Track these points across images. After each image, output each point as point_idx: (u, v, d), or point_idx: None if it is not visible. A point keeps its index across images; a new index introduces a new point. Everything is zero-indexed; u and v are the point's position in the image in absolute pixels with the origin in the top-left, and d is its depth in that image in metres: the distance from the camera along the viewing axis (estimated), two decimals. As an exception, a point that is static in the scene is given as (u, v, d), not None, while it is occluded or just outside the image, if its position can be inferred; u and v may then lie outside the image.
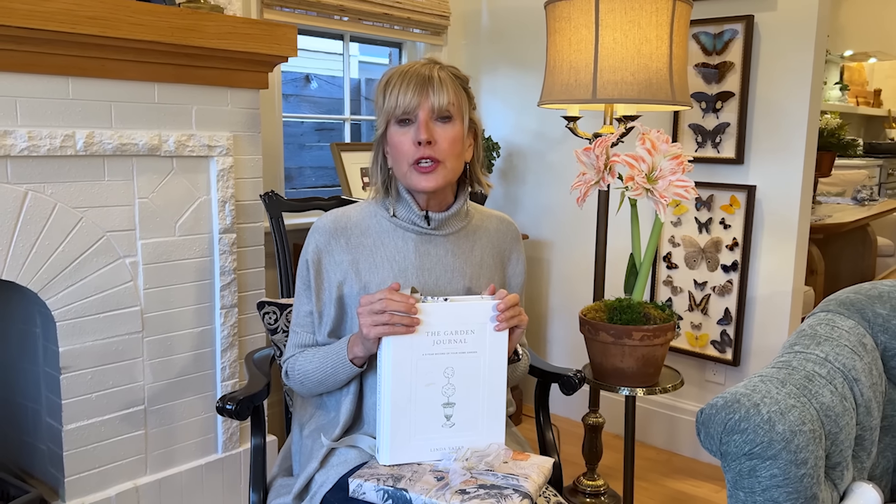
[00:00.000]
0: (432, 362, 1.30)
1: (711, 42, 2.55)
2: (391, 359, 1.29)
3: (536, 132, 3.11)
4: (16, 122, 1.70)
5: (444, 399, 1.32)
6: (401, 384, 1.29)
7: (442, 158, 1.35)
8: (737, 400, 1.24)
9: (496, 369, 1.33)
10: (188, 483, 2.10)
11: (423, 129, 1.33)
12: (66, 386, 1.83)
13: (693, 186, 1.67)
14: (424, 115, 1.34)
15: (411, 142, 1.34)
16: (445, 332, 1.30)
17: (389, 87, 1.35)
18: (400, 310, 1.25)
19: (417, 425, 1.31)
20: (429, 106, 1.33)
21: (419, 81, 1.34)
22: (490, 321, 1.31)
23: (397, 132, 1.36)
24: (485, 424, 1.34)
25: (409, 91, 1.33)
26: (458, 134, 1.37)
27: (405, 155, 1.35)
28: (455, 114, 1.36)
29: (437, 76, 1.35)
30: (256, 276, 2.22)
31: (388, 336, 1.27)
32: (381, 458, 1.32)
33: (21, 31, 1.62)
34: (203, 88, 2.01)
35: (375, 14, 2.86)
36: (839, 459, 1.31)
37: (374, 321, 1.26)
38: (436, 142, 1.34)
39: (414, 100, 1.33)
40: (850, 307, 1.52)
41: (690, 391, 2.78)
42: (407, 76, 1.34)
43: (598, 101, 1.92)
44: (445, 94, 1.34)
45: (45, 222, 1.75)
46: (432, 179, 1.35)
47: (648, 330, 1.75)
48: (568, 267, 3.09)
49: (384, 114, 1.36)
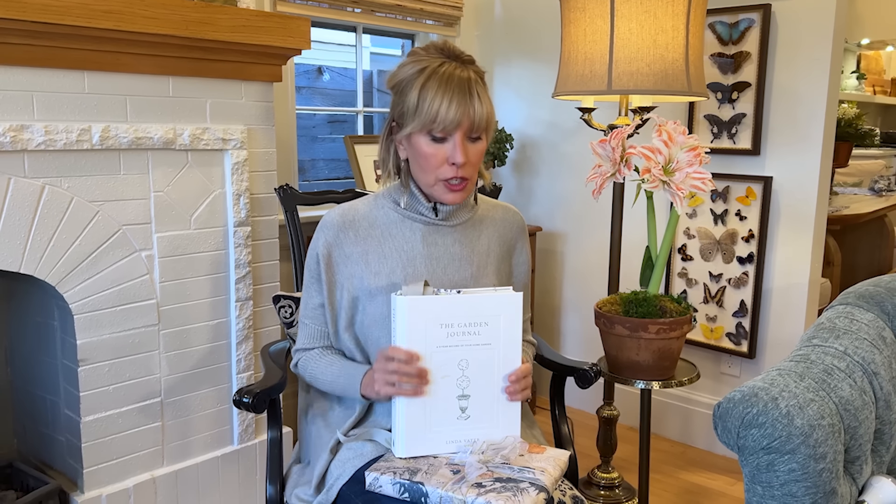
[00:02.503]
0: (446, 355, 1.30)
1: (728, 32, 2.53)
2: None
3: (550, 123, 3.09)
4: (32, 117, 1.71)
5: (459, 391, 1.32)
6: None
7: (470, 176, 1.37)
8: (755, 394, 1.23)
9: (510, 361, 1.33)
10: (204, 475, 2.12)
11: (461, 153, 1.31)
12: (83, 378, 1.85)
13: (710, 178, 1.65)
14: (461, 135, 1.32)
15: (444, 159, 1.33)
16: (459, 325, 1.30)
17: (426, 91, 1.30)
18: (410, 376, 1.28)
19: (433, 418, 1.31)
20: (468, 125, 1.31)
21: (460, 95, 1.29)
22: (505, 310, 1.32)
23: (427, 144, 1.33)
24: (500, 416, 1.34)
25: (451, 107, 1.29)
26: (484, 148, 1.38)
27: (434, 169, 1.34)
28: (485, 129, 1.35)
29: (476, 91, 1.31)
30: (271, 268, 2.23)
31: (402, 347, 1.30)
32: (396, 451, 1.32)
33: (37, 26, 1.63)
34: (217, 82, 2.02)
35: (388, 5, 2.85)
36: (858, 453, 1.29)
37: (386, 380, 1.30)
38: (469, 162, 1.34)
39: (455, 118, 1.29)
40: (869, 300, 1.50)
41: (705, 384, 2.77)
42: (448, 85, 1.29)
43: (613, 92, 1.90)
44: (483, 111, 1.31)
45: (62, 216, 1.77)
46: (460, 196, 1.38)
47: (664, 323, 1.74)
48: (582, 259, 3.08)
49: (419, 121, 1.31)
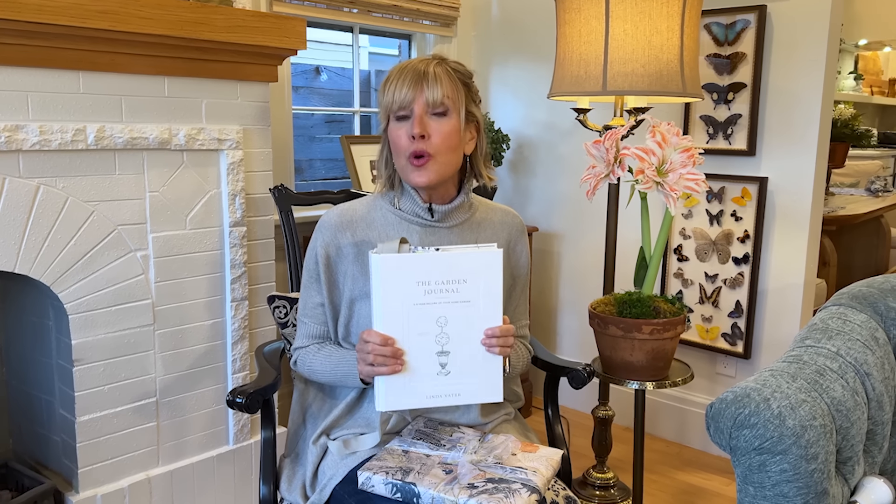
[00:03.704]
0: (423, 311, 1.30)
1: (723, 32, 2.53)
2: (381, 309, 1.30)
3: (546, 124, 3.09)
4: (27, 117, 1.71)
5: (439, 348, 1.32)
6: (392, 333, 1.30)
7: (434, 152, 1.37)
8: (747, 394, 1.23)
9: (491, 318, 1.33)
10: (199, 474, 2.12)
11: (416, 124, 1.36)
12: (78, 378, 1.85)
13: (704, 180, 1.66)
14: (419, 109, 1.36)
15: (407, 136, 1.37)
16: (436, 282, 1.30)
17: (388, 83, 1.39)
18: (385, 357, 1.30)
19: (412, 373, 1.32)
20: (423, 100, 1.36)
21: (414, 76, 1.36)
22: (484, 268, 1.31)
23: (395, 127, 1.39)
24: (481, 371, 1.34)
25: (404, 86, 1.36)
26: (453, 128, 1.38)
27: (401, 149, 1.39)
28: (451, 107, 1.38)
29: (432, 71, 1.37)
30: (266, 269, 2.23)
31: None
32: (377, 405, 1.33)
33: (32, 26, 1.63)
34: (213, 82, 2.02)
35: (384, 6, 2.85)
36: (850, 454, 1.30)
37: (364, 360, 1.33)
38: (429, 136, 1.37)
39: (409, 95, 1.36)
40: (862, 301, 1.51)
41: (701, 384, 2.78)
42: (404, 72, 1.38)
43: (608, 93, 1.91)
44: (440, 88, 1.36)
45: (57, 216, 1.77)
46: (424, 174, 1.38)
47: (658, 324, 1.74)
48: (577, 259, 3.08)
49: (383, 109, 1.40)
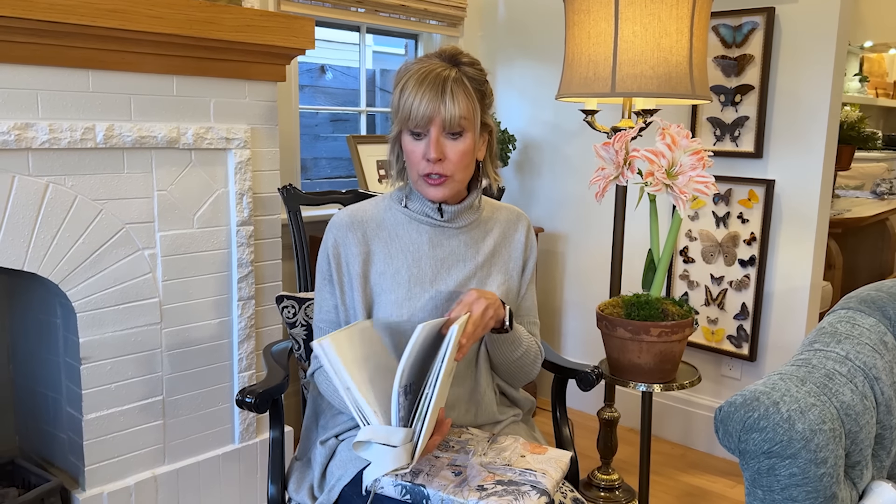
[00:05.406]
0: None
1: (731, 34, 2.53)
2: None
3: (553, 125, 3.09)
4: (37, 115, 1.71)
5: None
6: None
7: (450, 173, 1.36)
8: (756, 398, 1.23)
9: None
10: (205, 473, 2.12)
11: (433, 148, 1.32)
12: (86, 376, 1.85)
13: (713, 182, 1.66)
14: (436, 132, 1.33)
15: (422, 154, 1.34)
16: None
17: (404, 90, 1.33)
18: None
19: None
20: (440, 121, 1.32)
21: (432, 91, 1.30)
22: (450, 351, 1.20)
23: (409, 141, 1.36)
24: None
25: (422, 103, 1.30)
26: (468, 147, 1.36)
27: (415, 165, 1.37)
28: (466, 127, 1.34)
29: (450, 88, 1.31)
30: (273, 268, 2.23)
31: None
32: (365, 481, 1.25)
33: (42, 25, 1.63)
34: (221, 81, 2.02)
35: (391, 5, 2.85)
36: (859, 458, 1.30)
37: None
38: (445, 158, 1.34)
39: (426, 112, 1.31)
40: (870, 305, 1.50)
41: (706, 386, 2.77)
42: (422, 81, 1.31)
43: (616, 94, 1.90)
44: (457, 108, 1.31)
45: (66, 214, 1.77)
46: (440, 191, 1.37)
47: (666, 326, 1.74)
48: (583, 260, 3.08)
49: (398, 119, 1.35)
